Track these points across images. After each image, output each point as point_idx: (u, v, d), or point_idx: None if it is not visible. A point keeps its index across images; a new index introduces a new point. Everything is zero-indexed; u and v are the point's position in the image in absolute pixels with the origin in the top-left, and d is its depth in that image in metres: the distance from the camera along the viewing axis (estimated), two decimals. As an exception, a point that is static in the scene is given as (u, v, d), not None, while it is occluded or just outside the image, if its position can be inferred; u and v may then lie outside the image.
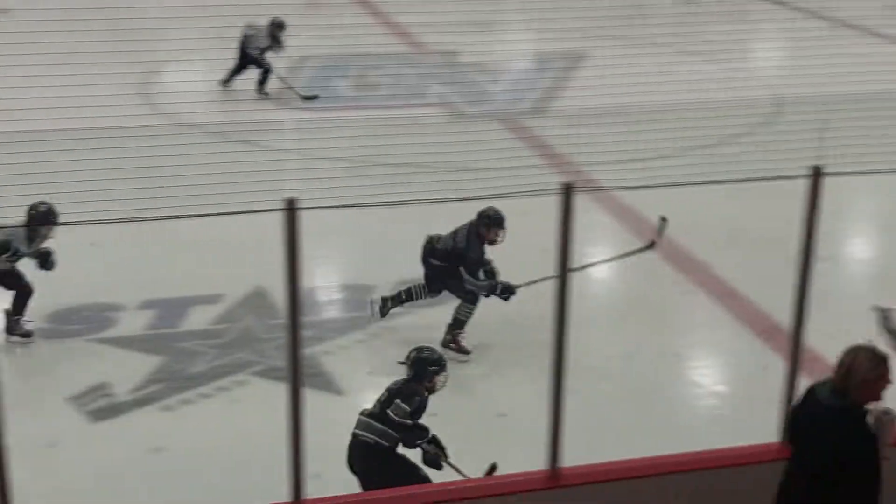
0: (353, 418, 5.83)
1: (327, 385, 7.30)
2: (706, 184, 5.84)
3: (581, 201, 9.85)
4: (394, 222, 9.06)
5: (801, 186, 4.86)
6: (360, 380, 7.41)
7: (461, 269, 7.58)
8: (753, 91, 12.99)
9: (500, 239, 7.66)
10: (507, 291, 7.65)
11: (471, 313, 7.65)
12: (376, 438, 5.70)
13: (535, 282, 7.48)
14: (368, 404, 5.89)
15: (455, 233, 7.69)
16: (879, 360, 4.36)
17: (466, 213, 7.57)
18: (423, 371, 5.88)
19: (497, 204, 7.58)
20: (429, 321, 7.91)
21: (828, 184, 5.04)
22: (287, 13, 13.12)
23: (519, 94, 13.54)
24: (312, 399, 4.86)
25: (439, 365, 5.94)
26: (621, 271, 8.89)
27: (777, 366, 5.67)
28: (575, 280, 4.77)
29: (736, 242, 9.56)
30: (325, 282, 8.81)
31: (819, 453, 4.42)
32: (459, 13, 14.30)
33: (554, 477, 4.82)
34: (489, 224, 7.60)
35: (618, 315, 8.58)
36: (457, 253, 7.60)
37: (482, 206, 7.52)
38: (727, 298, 8.61)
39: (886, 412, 4.31)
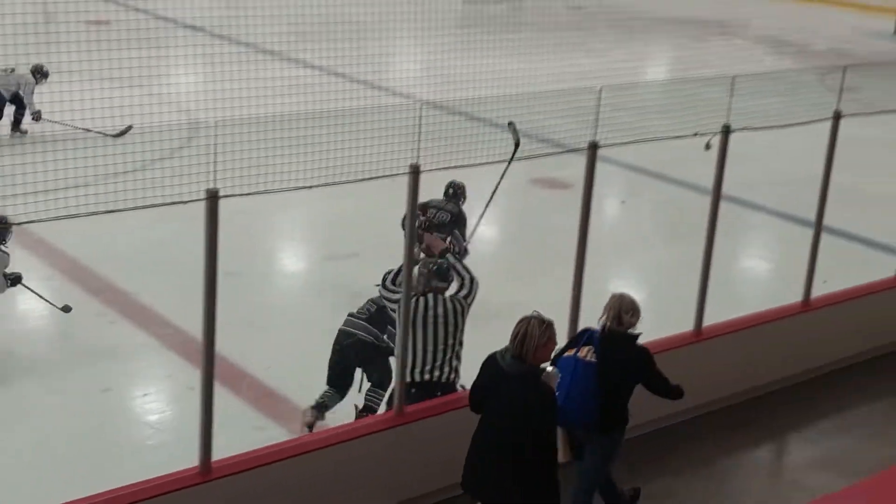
0: None
1: None
2: (106, 213, 5.72)
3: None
4: None
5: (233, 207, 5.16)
6: None
7: (455, 231, 8.89)
8: (170, 115, 13.01)
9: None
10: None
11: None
12: (371, 338, 7.08)
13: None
14: None
15: (439, 209, 8.90)
16: (547, 326, 5.12)
17: None
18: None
19: None
20: None
21: (231, 204, 5.19)
22: None
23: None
24: None
25: None
26: (42, 310, 8.46)
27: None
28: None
29: (158, 267, 9.51)
30: None
31: (510, 415, 5.00)
32: None
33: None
34: (463, 192, 9.10)
35: (40, 356, 8.13)
36: (454, 220, 8.93)
37: None
38: (152, 325, 8.52)
39: (549, 370, 5.15)
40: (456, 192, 9.16)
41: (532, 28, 19.58)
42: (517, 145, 8.73)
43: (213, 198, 5.06)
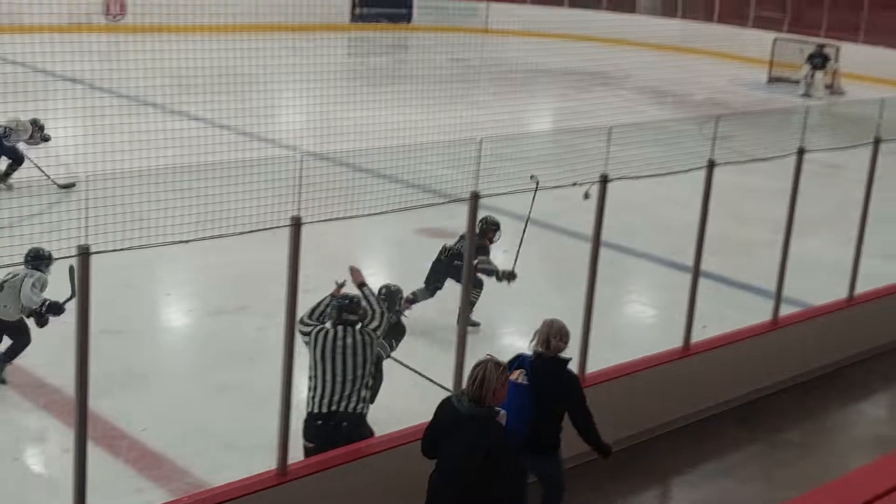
0: None
1: None
2: None
3: None
4: None
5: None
6: None
7: (481, 257, 9.66)
8: (48, 170, 12.77)
9: (496, 238, 10.08)
10: (511, 277, 9.78)
11: (478, 296, 9.78)
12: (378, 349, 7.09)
13: None
14: None
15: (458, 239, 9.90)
16: (503, 368, 5.30)
17: None
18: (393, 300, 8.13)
19: None
20: None
21: (112, 259, 5.07)
22: None
23: None
24: None
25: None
26: None
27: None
28: None
29: (32, 325, 9.20)
30: None
31: (470, 457, 5.06)
32: None
33: None
34: (494, 228, 9.99)
35: None
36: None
37: None
38: (26, 386, 8.25)
39: (499, 412, 5.28)
40: (482, 228, 9.98)
41: (415, 80, 19.74)
42: (537, 184, 8.93)
43: (84, 254, 4.92)
